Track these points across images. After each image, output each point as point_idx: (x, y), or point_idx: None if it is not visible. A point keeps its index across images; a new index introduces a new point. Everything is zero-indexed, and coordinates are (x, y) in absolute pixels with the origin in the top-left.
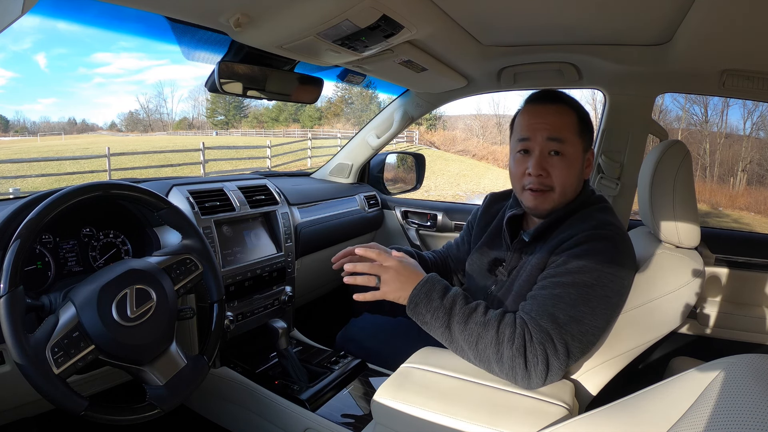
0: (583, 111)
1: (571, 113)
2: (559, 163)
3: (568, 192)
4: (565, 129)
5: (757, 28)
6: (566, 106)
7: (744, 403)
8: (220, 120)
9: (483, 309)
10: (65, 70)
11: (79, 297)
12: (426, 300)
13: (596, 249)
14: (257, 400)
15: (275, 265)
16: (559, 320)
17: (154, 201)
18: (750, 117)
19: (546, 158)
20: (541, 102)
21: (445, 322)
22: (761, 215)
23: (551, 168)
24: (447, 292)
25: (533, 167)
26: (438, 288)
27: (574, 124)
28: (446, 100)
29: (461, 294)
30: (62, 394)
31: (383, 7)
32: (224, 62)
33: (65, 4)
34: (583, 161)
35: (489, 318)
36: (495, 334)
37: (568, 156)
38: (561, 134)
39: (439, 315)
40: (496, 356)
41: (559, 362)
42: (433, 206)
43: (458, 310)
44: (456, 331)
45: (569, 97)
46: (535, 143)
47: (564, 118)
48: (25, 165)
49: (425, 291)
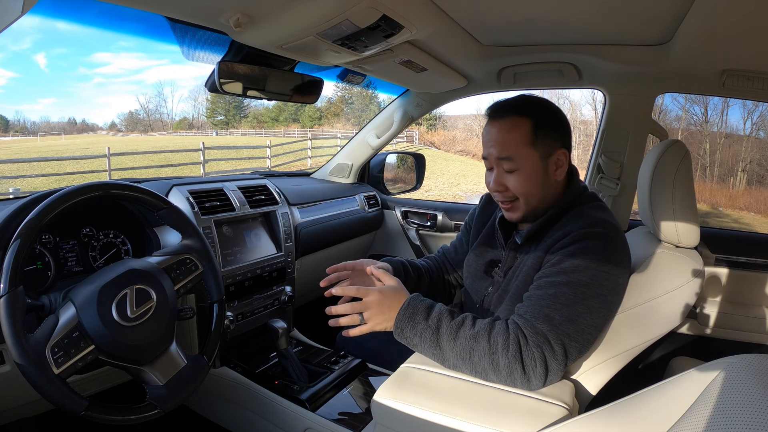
0: (540, 115)
1: (523, 124)
2: (514, 179)
3: (532, 200)
4: (513, 145)
5: (757, 28)
6: (517, 115)
7: (744, 403)
8: (220, 120)
9: (471, 321)
10: (65, 70)
11: (79, 297)
12: (411, 324)
13: (591, 247)
14: (257, 400)
15: (275, 265)
16: (554, 321)
17: (154, 201)
18: (750, 117)
19: (502, 175)
20: (492, 117)
21: (434, 343)
22: (761, 215)
23: (508, 183)
24: (431, 312)
25: (492, 185)
26: (421, 309)
27: (525, 136)
28: (446, 100)
29: (446, 310)
30: (62, 394)
31: (383, 7)
32: (224, 62)
33: (65, 4)
34: (544, 167)
35: (478, 329)
36: (487, 344)
37: (522, 169)
38: (509, 152)
39: (426, 336)
40: (492, 366)
41: (557, 363)
42: (433, 206)
43: (445, 328)
44: (446, 349)
45: (523, 103)
46: (491, 161)
47: (513, 133)
48: (25, 165)
49: (408, 315)
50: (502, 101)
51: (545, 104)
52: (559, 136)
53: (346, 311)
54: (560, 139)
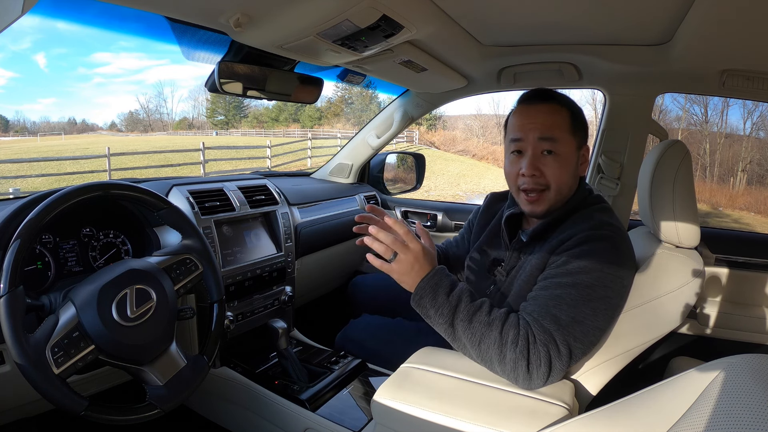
0: (575, 108)
1: (563, 111)
2: (552, 162)
3: (563, 190)
4: (557, 127)
5: (757, 28)
6: (558, 104)
7: (744, 403)
8: (220, 120)
9: (487, 308)
10: (65, 70)
11: (79, 297)
12: (431, 294)
13: (596, 249)
14: (257, 400)
15: (275, 265)
16: (561, 321)
17: (154, 201)
18: (750, 117)
19: (539, 158)
20: (532, 102)
21: (449, 320)
22: (761, 215)
23: (544, 167)
24: (453, 289)
25: (527, 167)
26: (445, 283)
27: (566, 122)
28: (446, 100)
29: (467, 291)
30: (62, 394)
31: (383, 7)
32: (224, 62)
33: (65, 4)
34: (577, 159)
35: (493, 318)
36: (498, 335)
37: (561, 154)
38: (553, 133)
39: (443, 312)
40: (499, 357)
41: (561, 364)
42: (433, 206)
43: (463, 307)
44: (459, 329)
45: (561, 95)
46: (528, 143)
47: (555, 116)
48: (25, 165)
49: (431, 285)
50: (541, 89)
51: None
52: (586, 134)
53: (386, 241)
54: (585, 137)
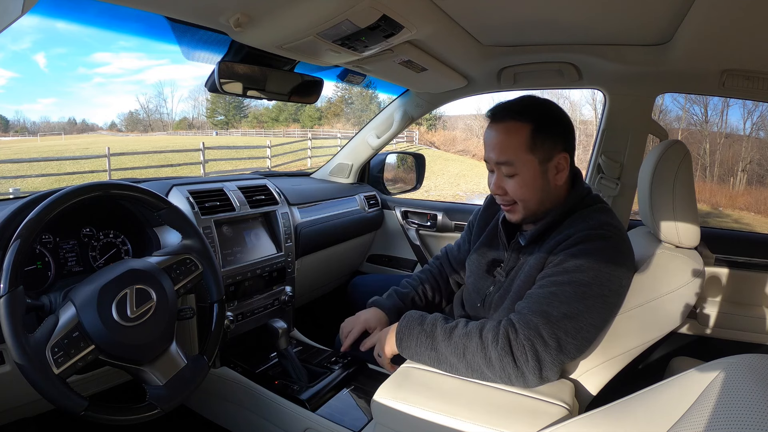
0: (541, 119)
1: (522, 129)
2: (513, 183)
3: (530, 205)
4: (512, 151)
5: (757, 28)
6: (517, 120)
7: (744, 403)
8: (220, 120)
9: (464, 323)
10: (65, 70)
11: (79, 297)
12: (408, 332)
13: (594, 249)
14: (257, 400)
15: (275, 265)
16: (551, 316)
17: (154, 201)
18: (750, 117)
19: (501, 179)
20: (493, 120)
21: (430, 345)
22: (761, 215)
23: (507, 187)
24: (425, 319)
25: (492, 187)
26: (416, 318)
27: (524, 142)
28: (446, 100)
29: (440, 317)
30: (62, 394)
31: (383, 7)
32: (224, 62)
33: (65, 4)
34: (543, 172)
35: (470, 328)
36: (479, 340)
37: (520, 175)
38: (508, 157)
39: (422, 340)
40: (485, 360)
41: (550, 356)
42: (433, 206)
43: (440, 330)
44: (442, 347)
45: (522, 107)
46: (491, 165)
47: (512, 137)
48: (25, 165)
49: (405, 326)
50: (503, 103)
51: (546, 107)
52: (560, 140)
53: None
54: (561, 143)
